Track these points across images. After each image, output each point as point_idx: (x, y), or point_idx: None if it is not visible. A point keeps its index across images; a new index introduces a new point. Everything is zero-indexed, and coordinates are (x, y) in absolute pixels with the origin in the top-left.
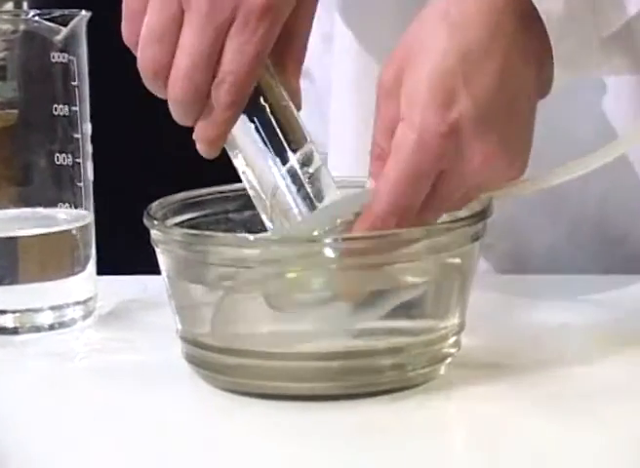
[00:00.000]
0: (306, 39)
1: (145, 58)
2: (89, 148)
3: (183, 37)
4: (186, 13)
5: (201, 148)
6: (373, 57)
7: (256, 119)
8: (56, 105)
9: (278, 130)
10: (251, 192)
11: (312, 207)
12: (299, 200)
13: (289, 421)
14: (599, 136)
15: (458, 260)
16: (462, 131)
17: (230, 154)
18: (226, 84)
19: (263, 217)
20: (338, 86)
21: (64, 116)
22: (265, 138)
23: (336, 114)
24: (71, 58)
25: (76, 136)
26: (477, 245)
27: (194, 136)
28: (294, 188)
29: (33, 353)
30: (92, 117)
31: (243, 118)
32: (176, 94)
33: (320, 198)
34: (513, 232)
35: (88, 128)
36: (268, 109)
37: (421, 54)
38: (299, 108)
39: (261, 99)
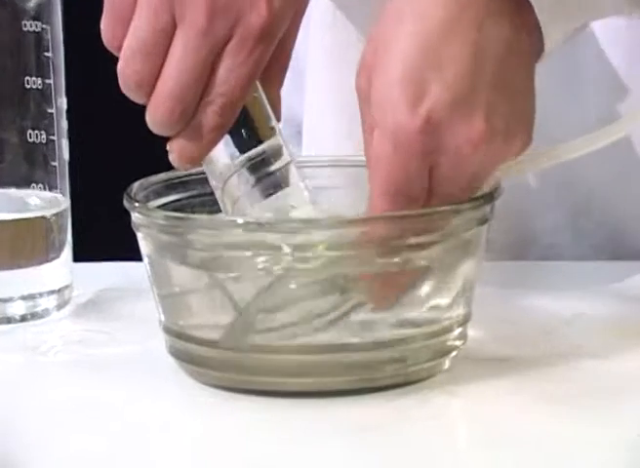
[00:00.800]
0: (292, 48)
1: (129, 68)
2: (64, 124)
3: (174, 53)
4: (180, 26)
5: (177, 163)
6: (351, 31)
7: None
8: (27, 78)
9: (241, 119)
10: (209, 177)
11: (257, 200)
12: (250, 192)
13: (281, 419)
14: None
15: (463, 246)
16: (440, 120)
17: None
18: (216, 106)
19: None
20: (314, 60)
21: (37, 89)
22: None
23: (312, 89)
24: (44, 26)
25: (50, 111)
26: (484, 229)
27: (169, 149)
28: (246, 180)
29: (3, 347)
30: (67, 91)
31: None
32: (159, 112)
33: (272, 193)
34: (515, 224)
35: (63, 102)
36: None
37: (385, 56)
38: (278, 119)
39: None
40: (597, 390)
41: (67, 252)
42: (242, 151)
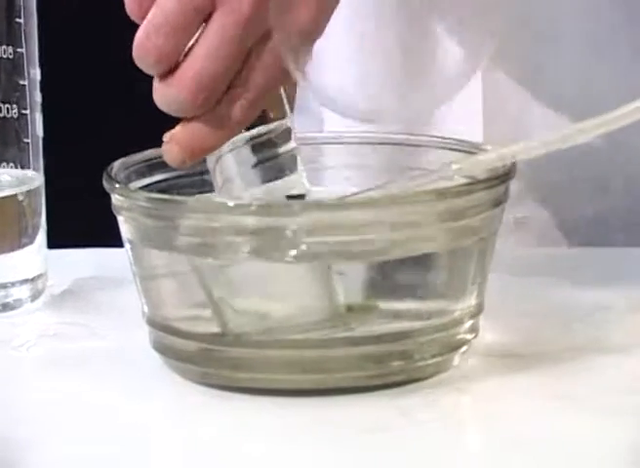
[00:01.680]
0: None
1: (150, 42)
2: (37, 97)
3: (208, 36)
4: (220, 9)
5: (177, 154)
6: None
7: None
8: None
9: None
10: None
11: (255, 183)
12: (247, 173)
13: (275, 421)
14: (585, 97)
15: (475, 230)
16: None
17: None
18: (246, 100)
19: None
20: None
21: (8, 59)
22: None
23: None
24: None
25: (22, 82)
26: (498, 211)
27: (170, 138)
28: (246, 159)
29: None
30: (41, 61)
31: None
32: (182, 93)
33: (272, 179)
34: (551, 202)
35: (36, 73)
36: None
37: None
38: (291, 105)
39: None
40: (619, 389)
41: (41, 237)
42: (247, 127)
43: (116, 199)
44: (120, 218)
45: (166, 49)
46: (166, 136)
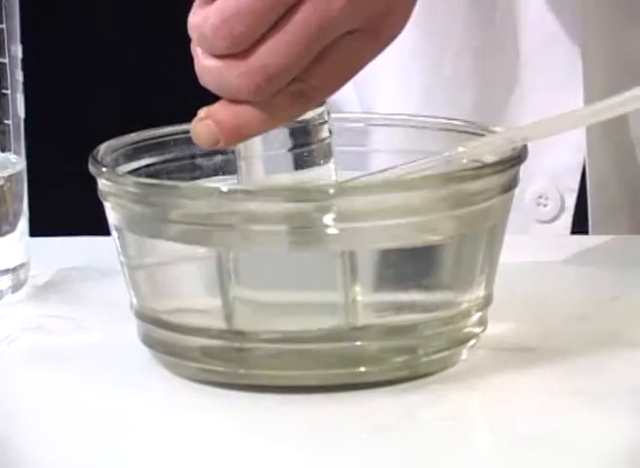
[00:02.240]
0: None
1: (226, 27)
2: (19, 76)
3: (288, 31)
4: (307, 3)
5: (210, 133)
6: None
7: None
8: None
9: None
10: None
11: (283, 169)
12: (277, 157)
13: (274, 418)
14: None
15: (484, 217)
16: None
17: None
18: (306, 99)
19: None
20: None
21: None
22: None
23: None
24: None
25: (2, 60)
26: (508, 197)
27: (206, 115)
28: (280, 142)
29: None
30: (22, 37)
31: None
32: (242, 82)
33: (303, 167)
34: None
35: (17, 50)
36: None
37: None
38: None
39: None
40: (636, 385)
41: (23, 224)
42: None
43: (103, 184)
44: (107, 205)
45: (242, 36)
46: (201, 112)
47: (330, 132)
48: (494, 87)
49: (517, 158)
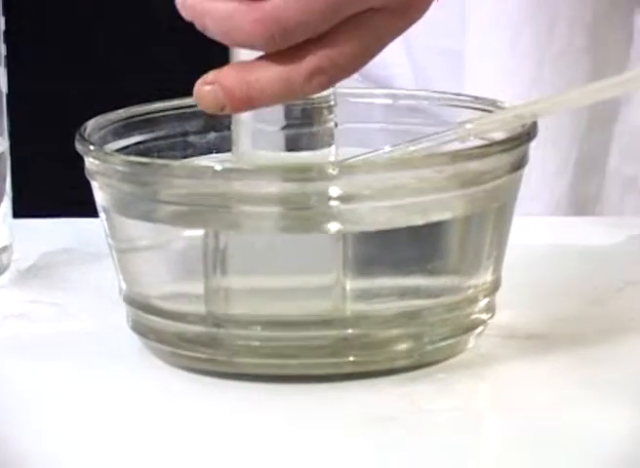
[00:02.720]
0: None
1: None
2: (1, 49)
3: None
4: None
5: (216, 97)
6: None
7: None
8: None
9: None
10: None
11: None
12: (270, 134)
13: (271, 410)
14: None
15: (492, 197)
16: None
17: None
18: (327, 76)
19: None
20: None
21: None
22: None
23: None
24: None
25: None
26: (517, 176)
27: (213, 79)
28: (275, 118)
29: None
30: (5, 8)
31: None
32: (255, 30)
33: (300, 148)
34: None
35: (0, 23)
36: None
37: None
38: None
39: None
40: None
41: (6, 205)
42: None
43: (90, 163)
44: (94, 184)
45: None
46: (208, 76)
47: (335, 121)
48: (605, 64)
49: (527, 135)
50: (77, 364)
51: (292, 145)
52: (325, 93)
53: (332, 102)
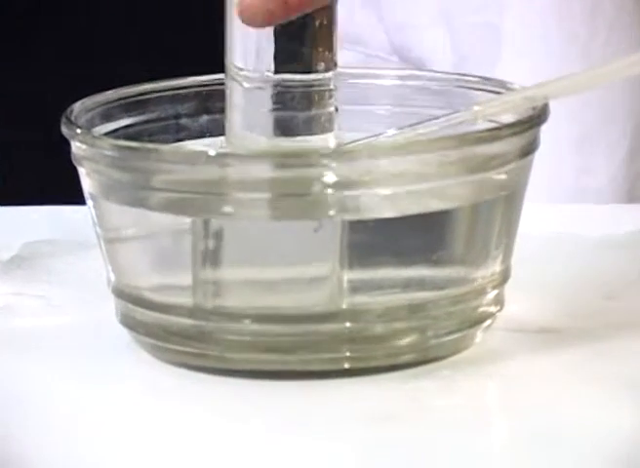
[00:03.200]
0: None
1: None
2: None
3: None
4: None
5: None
6: None
7: None
8: None
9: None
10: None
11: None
12: (260, 116)
13: (266, 408)
14: None
15: (500, 183)
16: None
17: None
18: None
19: None
20: None
21: None
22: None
23: None
24: None
25: None
26: (527, 162)
27: None
28: (262, 100)
29: None
30: None
31: None
32: None
33: (298, 133)
34: None
35: None
36: None
37: None
38: None
39: None
40: None
41: None
42: (278, 69)
43: (77, 147)
44: (81, 170)
45: None
46: None
47: (335, 105)
48: None
49: (538, 118)
50: (63, 359)
51: (289, 130)
52: (325, 75)
53: (332, 86)
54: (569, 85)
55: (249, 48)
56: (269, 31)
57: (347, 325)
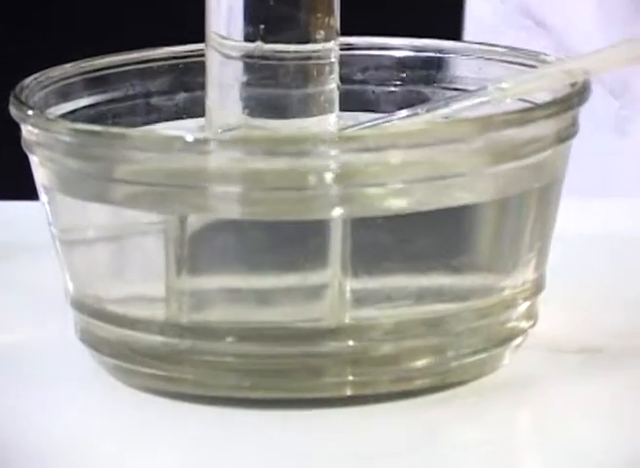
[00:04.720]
0: None
1: None
2: None
3: None
4: None
5: None
6: None
7: None
8: None
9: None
10: None
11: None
12: (249, 98)
13: (252, 442)
14: None
15: (533, 174)
16: None
17: None
18: None
19: None
20: None
21: None
22: None
23: None
24: None
25: None
26: (565, 149)
27: None
28: (250, 75)
29: None
30: None
31: None
32: None
33: (296, 115)
34: None
35: None
36: None
37: None
38: None
39: None
40: None
41: None
42: (269, 38)
43: (28, 131)
44: (33, 159)
45: None
46: None
47: (337, 82)
48: None
49: (577, 97)
50: (13, 385)
51: (282, 111)
52: (325, 45)
53: (332, 59)
54: (614, 57)
55: (234, 12)
56: None
57: (350, 343)
